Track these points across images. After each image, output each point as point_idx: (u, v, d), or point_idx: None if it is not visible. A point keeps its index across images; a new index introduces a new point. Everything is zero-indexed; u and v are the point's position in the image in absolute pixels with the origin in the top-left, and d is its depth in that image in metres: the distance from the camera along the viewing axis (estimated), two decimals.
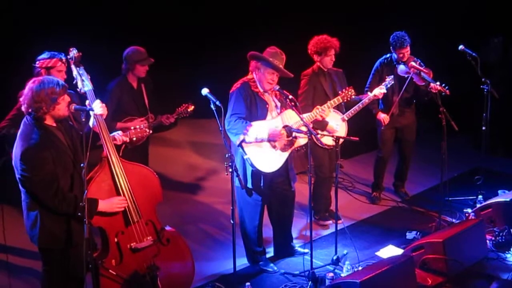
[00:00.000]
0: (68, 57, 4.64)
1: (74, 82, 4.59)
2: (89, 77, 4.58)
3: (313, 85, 6.14)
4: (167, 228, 4.74)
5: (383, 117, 6.64)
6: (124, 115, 5.94)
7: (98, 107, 4.36)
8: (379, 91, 6.26)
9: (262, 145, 5.27)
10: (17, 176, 4.14)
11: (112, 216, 4.40)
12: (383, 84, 6.33)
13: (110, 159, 4.42)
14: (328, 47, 6.09)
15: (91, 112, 4.34)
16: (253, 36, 7.62)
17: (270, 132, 5.25)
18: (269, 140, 5.26)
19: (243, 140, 5.20)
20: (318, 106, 5.70)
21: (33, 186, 4.10)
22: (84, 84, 4.52)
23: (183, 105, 6.10)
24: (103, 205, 4.30)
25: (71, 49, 4.64)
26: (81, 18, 7.56)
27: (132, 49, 5.96)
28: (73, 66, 4.61)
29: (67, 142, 4.26)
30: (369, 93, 6.35)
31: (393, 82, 6.41)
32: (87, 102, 4.46)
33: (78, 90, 4.58)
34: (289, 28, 8.47)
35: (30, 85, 4.14)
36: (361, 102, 6.23)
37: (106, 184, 4.39)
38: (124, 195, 4.43)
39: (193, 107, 6.07)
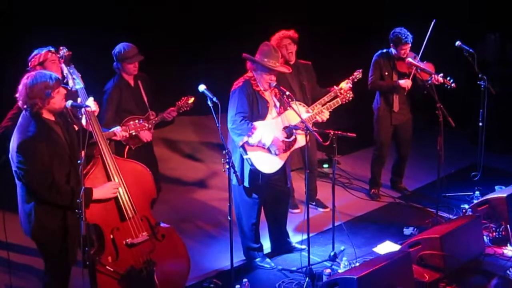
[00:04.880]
0: (58, 56, 4.63)
1: (65, 81, 4.59)
2: (80, 75, 4.58)
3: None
4: (162, 224, 4.74)
5: (403, 82, 6.48)
6: (125, 114, 5.69)
7: (92, 104, 4.40)
8: (346, 85, 5.95)
9: None
10: (13, 168, 4.17)
11: (107, 213, 4.41)
12: (349, 78, 6.04)
13: (104, 156, 4.42)
14: (281, 43, 5.96)
15: (82, 110, 4.35)
16: (251, 32, 7.58)
17: (273, 140, 5.24)
18: (269, 148, 5.26)
19: (246, 142, 5.20)
20: (318, 106, 5.69)
21: (28, 178, 4.11)
22: (76, 82, 4.54)
23: (183, 98, 5.91)
24: (98, 193, 4.26)
25: (61, 48, 4.66)
26: (78, 16, 7.55)
27: (120, 47, 5.70)
28: (63, 65, 4.62)
29: (65, 137, 4.27)
30: (335, 86, 6.01)
31: (360, 77, 6.16)
32: (79, 100, 4.45)
33: (70, 88, 4.58)
34: (287, 25, 8.44)
35: (23, 81, 4.16)
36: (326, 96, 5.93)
37: (101, 181, 4.39)
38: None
39: (193, 98, 5.87)
